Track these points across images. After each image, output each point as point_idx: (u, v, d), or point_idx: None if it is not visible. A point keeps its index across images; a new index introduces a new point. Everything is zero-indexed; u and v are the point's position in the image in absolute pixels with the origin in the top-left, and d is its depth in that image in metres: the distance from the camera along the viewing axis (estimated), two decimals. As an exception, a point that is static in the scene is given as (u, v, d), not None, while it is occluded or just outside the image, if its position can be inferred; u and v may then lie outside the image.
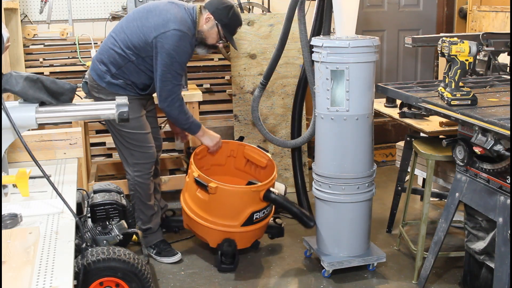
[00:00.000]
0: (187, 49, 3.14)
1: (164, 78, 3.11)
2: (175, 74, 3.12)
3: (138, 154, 3.28)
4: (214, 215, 3.20)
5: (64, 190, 2.15)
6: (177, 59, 3.09)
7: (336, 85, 3.00)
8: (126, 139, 3.25)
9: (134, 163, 3.29)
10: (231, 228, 3.20)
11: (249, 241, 3.34)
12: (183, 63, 3.16)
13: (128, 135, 3.24)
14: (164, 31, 3.06)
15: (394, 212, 3.70)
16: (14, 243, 1.64)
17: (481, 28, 4.53)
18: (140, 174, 3.30)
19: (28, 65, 4.40)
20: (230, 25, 3.20)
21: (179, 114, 3.21)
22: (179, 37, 3.07)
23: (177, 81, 3.15)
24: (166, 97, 3.14)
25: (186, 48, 3.12)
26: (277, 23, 4.33)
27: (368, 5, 5.46)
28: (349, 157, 3.07)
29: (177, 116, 3.23)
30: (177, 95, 3.17)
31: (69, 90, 2.01)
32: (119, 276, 2.26)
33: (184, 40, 3.09)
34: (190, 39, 3.13)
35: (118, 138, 3.28)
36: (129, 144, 3.26)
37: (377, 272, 3.24)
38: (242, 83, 4.40)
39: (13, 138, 1.94)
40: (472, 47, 2.60)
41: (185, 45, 3.11)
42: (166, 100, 3.15)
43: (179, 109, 3.19)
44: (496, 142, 2.32)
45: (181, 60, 3.12)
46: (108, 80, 3.19)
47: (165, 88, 3.13)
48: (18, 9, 4.23)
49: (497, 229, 2.46)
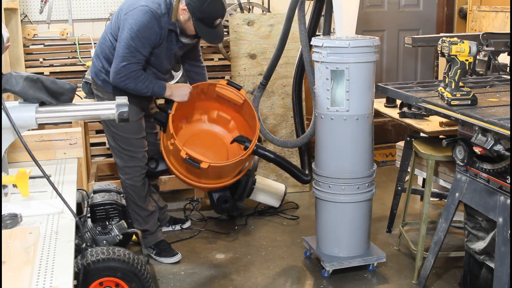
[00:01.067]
0: (152, 26, 2.96)
1: (121, 52, 2.97)
2: (133, 50, 2.96)
3: (127, 157, 3.25)
4: (206, 180, 3.25)
5: (64, 190, 2.15)
6: (138, 34, 2.93)
7: (336, 85, 3.00)
8: (118, 142, 3.24)
9: (123, 166, 3.27)
10: (223, 183, 3.30)
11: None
12: (145, 39, 2.96)
13: (120, 138, 3.22)
14: (132, 9, 2.97)
15: (394, 212, 3.70)
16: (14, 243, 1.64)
17: (481, 28, 4.53)
18: (130, 177, 3.28)
19: (28, 65, 4.39)
20: (204, 20, 3.01)
21: (136, 85, 3.03)
22: (144, 12, 2.94)
23: (135, 59, 2.98)
24: (118, 73, 2.99)
25: (150, 24, 2.95)
26: (277, 23, 4.33)
27: (368, 5, 5.46)
28: (349, 157, 3.07)
29: (135, 88, 3.03)
30: (132, 72, 2.99)
31: (69, 90, 2.01)
32: (119, 276, 2.26)
33: (150, 16, 2.94)
34: (157, 16, 2.97)
35: (109, 140, 3.28)
36: (119, 147, 3.25)
37: (377, 272, 3.24)
38: (242, 83, 4.40)
39: (13, 138, 1.94)
40: (472, 47, 2.60)
41: (150, 21, 2.95)
42: (117, 76, 3.00)
43: (133, 82, 3.00)
44: (496, 142, 2.32)
45: (143, 36, 2.95)
46: (103, 78, 3.17)
47: (120, 64, 2.97)
48: (18, 9, 4.22)
49: (497, 229, 2.46)
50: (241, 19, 4.35)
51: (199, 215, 4.05)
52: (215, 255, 3.48)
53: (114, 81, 3.04)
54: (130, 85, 3.03)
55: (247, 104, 3.36)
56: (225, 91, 3.37)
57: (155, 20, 2.98)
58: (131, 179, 3.28)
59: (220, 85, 3.37)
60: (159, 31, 3.02)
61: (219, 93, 3.39)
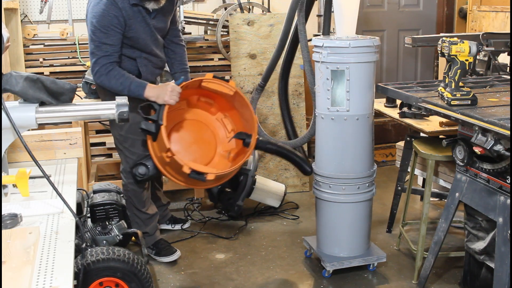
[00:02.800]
0: (108, 13, 2.87)
1: (90, 50, 2.93)
2: (98, 44, 2.89)
3: (131, 161, 3.21)
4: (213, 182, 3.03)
5: (64, 190, 2.15)
6: (97, 26, 2.87)
7: (336, 85, 3.00)
8: (124, 144, 3.21)
9: (128, 171, 3.23)
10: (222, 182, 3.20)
11: None
12: (105, 28, 2.87)
13: (124, 139, 3.19)
14: (90, 4, 2.94)
15: (394, 212, 3.70)
16: (14, 243, 1.64)
17: (481, 28, 4.53)
18: (133, 181, 3.23)
19: (28, 65, 4.39)
20: None
21: (110, 82, 2.93)
22: (97, 2, 2.88)
23: (102, 53, 2.90)
24: (92, 70, 2.94)
25: (106, 12, 2.86)
26: (277, 23, 4.33)
27: (368, 5, 5.46)
28: (349, 157, 3.07)
29: (110, 85, 2.94)
30: (102, 66, 2.91)
31: (69, 90, 2.01)
32: (119, 276, 2.26)
33: (104, 4, 2.86)
34: (111, 1, 2.86)
35: (115, 141, 3.26)
36: (126, 149, 3.22)
37: (377, 272, 3.24)
38: (242, 83, 4.40)
39: (13, 138, 1.94)
40: (472, 47, 2.60)
41: (105, 9, 2.86)
42: (93, 73, 2.96)
43: (107, 77, 2.92)
44: (496, 142, 2.32)
45: (102, 26, 2.87)
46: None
47: (92, 61, 2.94)
48: (18, 9, 4.23)
49: (497, 229, 2.46)
50: (241, 19, 4.35)
51: (199, 215, 4.04)
52: (215, 255, 3.48)
53: (94, 80, 3.01)
54: (104, 82, 2.94)
55: (239, 96, 3.10)
56: (213, 85, 3.09)
57: (110, 4, 2.87)
58: (133, 183, 3.24)
59: (207, 80, 3.07)
60: (118, 14, 2.90)
61: (207, 87, 3.10)
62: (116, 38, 2.93)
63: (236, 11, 4.52)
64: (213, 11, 4.90)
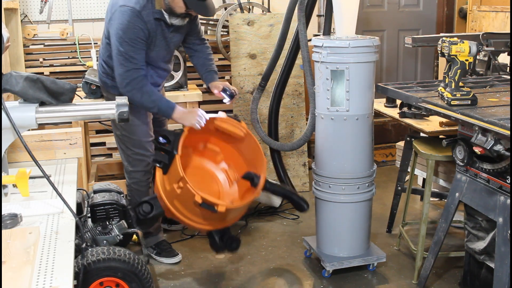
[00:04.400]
0: (135, 25, 2.86)
1: (116, 61, 2.91)
2: (127, 56, 2.88)
3: (135, 161, 3.22)
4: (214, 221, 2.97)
5: (64, 190, 2.15)
6: (124, 37, 2.86)
7: (336, 85, 3.00)
8: (127, 145, 3.21)
9: (130, 171, 3.25)
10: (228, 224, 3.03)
11: None
12: (132, 40, 2.87)
13: (130, 141, 3.19)
14: (113, 12, 2.88)
15: (394, 212, 3.70)
16: (14, 243, 1.64)
17: (481, 28, 4.53)
18: (136, 181, 3.26)
19: (28, 65, 4.39)
20: None
21: (142, 97, 2.93)
22: (123, 13, 2.84)
23: (132, 65, 2.90)
24: (121, 82, 2.93)
25: (132, 24, 2.85)
26: (277, 23, 4.33)
27: (368, 5, 5.46)
28: (349, 157, 3.07)
29: (141, 100, 2.94)
30: (134, 80, 2.91)
31: (69, 90, 2.02)
32: (119, 276, 2.26)
33: (130, 15, 2.84)
34: (138, 12, 2.85)
35: (119, 142, 3.26)
36: (129, 149, 3.22)
37: (377, 272, 3.24)
38: (242, 83, 4.40)
39: (13, 138, 1.94)
40: (472, 47, 2.60)
41: (131, 20, 2.85)
42: (122, 85, 2.93)
43: (139, 92, 2.92)
44: (496, 142, 2.32)
45: (128, 38, 2.86)
46: (111, 84, 3.13)
47: (118, 73, 2.92)
48: (18, 9, 4.23)
49: (497, 229, 2.46)
50: (241, 19, 4.35)
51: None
52: (215, 255, 3.47)
53: (122, 91, 2.94)
54: (136, 96, 2.92)
55: (249, 137, 3.07)
56: (226, 125, 3.08)
57: (136, 17, 2.86)
58: (136, 183, 3.26)
59: (220, 119, 3.07)
60: (144, 26, 2.90)
61: (218, 126, 3.09)
62: (143, 51, 2.94)
63: (236, 11, 4.52)
64: (213, 11, 4.90)
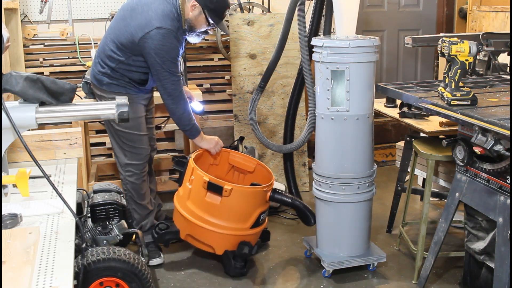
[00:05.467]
0: (174, 45, 3.09)
1: (161, 77, 3.10)
2: (170, 71, 3.10)
3: (130, 154, 3.28)
4: (226, 219, 3.14)
5: (64, 190, 2.15)
6: (167, 57, 3.06)
7: (336, 85, 3.00)
8: (122, 139, 3.26)
9: (125, 164, 3.30)
10: (242, 231, 3.18)
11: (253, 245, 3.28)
12: (174, 59, 3.11)
13: (124, 134, 3.24)
14: (148, 31, 3.02)
15: (394, 212, 3.70)
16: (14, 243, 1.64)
17: (481, 28, 4.53)
18: (131, 174, 3.30)
19: (28, 65, 4.39)
20: (216, 10, 3.13)
21: (183, 113, 3.20)
22: (162, 35, 3.02)
23: (176, 77, 3.13)
24: (169, 95, 3.14)
25: (173, 44, 3.07)
26: (277, 23, 4.33)
27: (368, 5, 5.46)
28: (349, 157, 3.07)
29: (181, 116, 3.20)
30: (180, 91, 3.17)
31: (69, 90, 2.01)
32: (119, 276, 2.26)
33: (169, 36, 3.04)
34: (175, 33, 3.07)
35: (114, 137, 3.29)
36: (123, 144, 3.27)
37: (377, 272, 3.24)
38: (242, 83, 4.40)
39: (13, 138, 1.94)
40: (472, 47, 2.60)
41: (171, 41, 3.06)
42: (169, 98, 3.15)
43: (184, 107, 3.19)
44: (496, 142, 2.32)
45: (171, 57, 3.08)
46: (107, 82, 3.19)
47: (165, 87, 3.12)
48: (18, 9, 4.23)
49: (497, 229, 2.46)
50: (241, 19, 4.35)
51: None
52: (215, 255, 3.47)
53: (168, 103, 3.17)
54: (181, 106, 3.18)
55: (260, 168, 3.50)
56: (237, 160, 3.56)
57: (174, 38, 3.07)
58: (131, 176, 3.30)
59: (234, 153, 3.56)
60: (179, 45, 3.15)
61: (231, 160, 3.56)
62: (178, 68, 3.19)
63: (236, 11, 4.52)
64: (213, 11, 4.90)
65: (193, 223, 3.18)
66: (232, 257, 3.19)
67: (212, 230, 3.15)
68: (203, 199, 3.14)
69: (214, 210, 3.14)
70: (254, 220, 3.19)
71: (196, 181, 3.15)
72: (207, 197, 3.12)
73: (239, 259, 3.19)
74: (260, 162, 3.53)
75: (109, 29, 3.23)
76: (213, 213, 3.15)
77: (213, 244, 3.22)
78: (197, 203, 3.18)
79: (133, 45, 3.08)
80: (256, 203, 3.18)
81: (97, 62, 3.23)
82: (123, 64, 3.14)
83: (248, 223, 3.18)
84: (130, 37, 3.07)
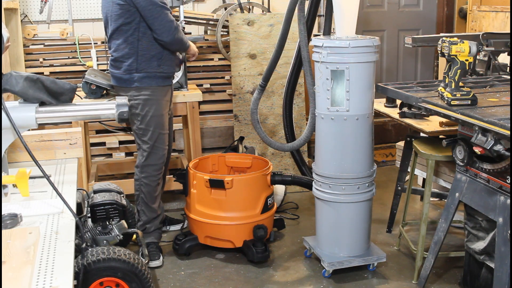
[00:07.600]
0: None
1: (156, 15, 3.13)
2: (161, 3, 3.13)
3: (148, 154, 3.32)
4: (235, 210, 3.35)
5: (64, 190, 2.15)
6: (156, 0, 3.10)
7: (336, 85, 3.00)
8: (141, 137, 3.30)
9: (143, 165, 3.33)
10: (254, 218, 3.37)
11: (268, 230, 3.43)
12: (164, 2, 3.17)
13: (144, 133, 3.28)
14: None
15: (394, 212, 3.70)
16: (14, 243, 1.64)
17: (481, 28, 4.53)
18: (147, 175, 3.34)
19: (28, 65, 4.40)
20: None
21: (182, 39, 3.27)
22: None
23: (167, 9, 3.18)
24: (169, 29, 3.16)
25: None
26: (277, 23, 4.33)
27: (368, 5, 5.46)
28: (349, 157, 3.07)
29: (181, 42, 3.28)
30: (176, 22, 3.22)
31: (69, 90, 2.02)
32: (119, 276, 2.26)
33: None
34: None
35: (138, 134, 3.32)
36: (143, 143, 3.31)
37: (377, 272, 3.24)
38: (242, 83, 4.40)
39: (13, 138, 1.94)
40: (472, 47, 2.60)
41: None
42: (169, 33, 3.17)
43: (181, 34, 3.25)
44: (496, 142, 2.32)
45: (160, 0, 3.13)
46: (138, 77, 3.23)
47: (162, 23, 3.14)
48: (18, 9, 4.23)
49: (497, 229, 2.46)
50: (241, 19, 4.35)
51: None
52: (215, 255, 3.48)
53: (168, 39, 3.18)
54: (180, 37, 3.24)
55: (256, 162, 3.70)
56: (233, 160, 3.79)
57: None
58: (147, 178, 3.34)
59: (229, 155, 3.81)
60: None
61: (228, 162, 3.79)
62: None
63: (236, 11, 4.52)
64: (213, 11, 4.90)
65: (206, 223, 3.37)
66: (252, 244, 3.33)
67: (225, 224, 3.35)
68: (209, 198, 3.36)
69: (222, 204, 3.35)
70: (262, 205, 3.40)
71: (199, 184, 3.37)
72: (212, 194, 3.35)
73: (258, 244, 3.33)
74: (255, 156, 3.70)
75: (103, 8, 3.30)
76: (222, 208, 3.34)
77: (231, 238, 3.38)
78: (205, 203, 3.39)
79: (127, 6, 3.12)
80: (259, 188, 3.39)
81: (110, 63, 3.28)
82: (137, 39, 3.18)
83: (257, 209, 3.39)
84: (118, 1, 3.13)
